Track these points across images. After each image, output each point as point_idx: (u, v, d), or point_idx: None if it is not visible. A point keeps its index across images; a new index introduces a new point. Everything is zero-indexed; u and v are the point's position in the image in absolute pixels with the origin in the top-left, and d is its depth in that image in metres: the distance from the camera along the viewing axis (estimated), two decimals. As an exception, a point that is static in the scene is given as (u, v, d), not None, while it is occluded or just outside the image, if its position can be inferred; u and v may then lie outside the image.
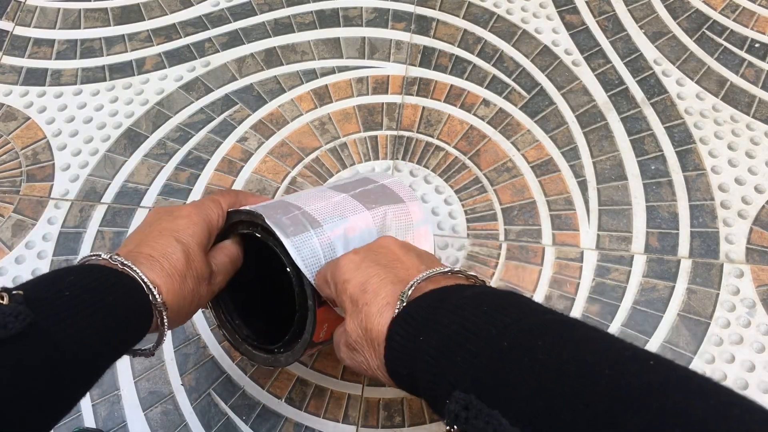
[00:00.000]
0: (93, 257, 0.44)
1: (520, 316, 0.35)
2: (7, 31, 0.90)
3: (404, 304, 0.40)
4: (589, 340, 0.33)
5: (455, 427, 0.32)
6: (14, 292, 0.35)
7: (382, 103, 0.81)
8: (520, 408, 0.30)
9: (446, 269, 0.43)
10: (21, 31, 0.90)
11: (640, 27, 0.85)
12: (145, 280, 0.43)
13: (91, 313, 0.38)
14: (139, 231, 0.49)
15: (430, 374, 0.37)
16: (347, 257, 0.45)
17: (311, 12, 0.88)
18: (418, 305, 0.39)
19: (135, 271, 0.43)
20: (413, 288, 0.41)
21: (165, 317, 0.44)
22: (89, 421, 0.67)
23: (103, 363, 0.40)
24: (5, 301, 0.34)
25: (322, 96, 0.82)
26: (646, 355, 0.31)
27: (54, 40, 0.89)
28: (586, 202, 0.75)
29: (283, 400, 0.67)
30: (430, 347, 0.37)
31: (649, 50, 0.83)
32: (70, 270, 0.40)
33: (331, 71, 0.84)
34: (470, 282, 0.43)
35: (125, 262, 0.43)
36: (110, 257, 0.43)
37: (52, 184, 0.79)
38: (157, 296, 0.43)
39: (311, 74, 0.84)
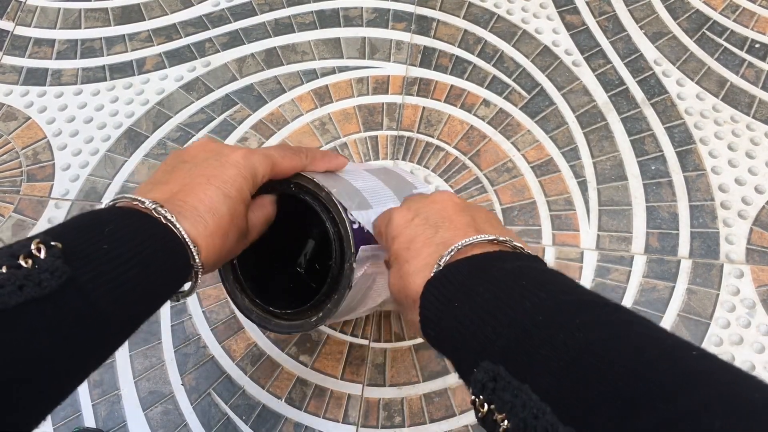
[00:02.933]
0: (130, 200, 0.41)
1: (557, 293, 0.34)
2: (8, 31, 0.90)
3: (440, 267, 0.39)
4: (630, 324, 0.31)
5: (481, 397, 0.32)
6: (53, 243, 0.33)
7: (383, 103, 0.81)
8: (549, 385, 0.29)
9: (491, 237, 0.41)
10: (21, 30, 0.90)
11: (641, 27, 0.85)
12: (188, 240, 0.40)
13: (128, 269, 0.36)
14: (182, 168, 0.45)
15: (458, 340, 0.36)
16: (400, 213, 0.45)
17: (311, 12, 0.88)
18: (455, 270, 0.39)
19: (178, 228, 0.40)
20: (453, 252, 0.40)
21: (199, 276, 0.42)
22: (89, 421, 0.67)
23: (137, 319, 0.39)
24: (42, 255, 0.32)
25: (323, 96, 0.82)
26: (688, 345, 0.30)
27: (54, 40, 0.89)
28: (586, 203, 0.75)
29: (283, 400, 0.67)
30: (462, 313, 0.36)
31: (649, 50, 0.84)
32: (109, 216, 0.38)
33: (332, 71, 0.84)
34: (516, 251, 0.42)
35: (168, 217, 0.40)
36: (154, 209, 0.40)
37: (53, 184, 0.79)
38: (196, 257, 0.41)
39: (311, 74, 0.84)
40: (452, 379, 0.67)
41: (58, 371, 0.33)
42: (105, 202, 0.76)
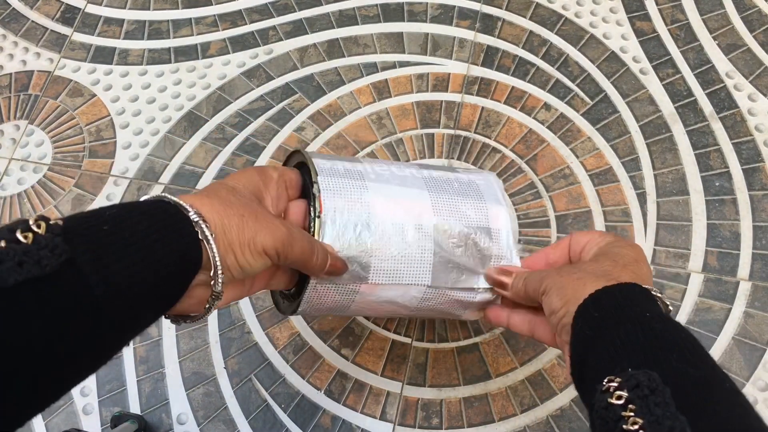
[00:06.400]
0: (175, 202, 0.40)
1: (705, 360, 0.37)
2: (80, 9, 0.92)
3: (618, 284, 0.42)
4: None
5: (625, 390, 0.33)
6: (52, 221, 0.31)
7: (441, 101, 0.81)
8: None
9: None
10: (92, 9, 0.92)
11: (714, 38, 0.82)
12: (218, 260, 0.39)
13: (127, 255, 0.34)
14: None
15: (626, 337, 0.37)
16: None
17: (376, 5, 0.88)
18: (640, 289, 0.42)
19: (212, 249, 0.39)
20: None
21: (216, 303, 0.41)
22: (133, 396, 0.68)
23: (132, 312, 0.35)
24: (41, 231, 0.30)
25: (382, 90, 0.82)
26: None
27: (123, 20, 0.90)
28: (644, 215, 0.73)
29: (323, 391, 0.67)
30: (645, 320, 0.38)
31: (721, 62, 0.81)
32: (114, 205, 0.37)
33: (392, 66, 0.84)
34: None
35: (207, 235, 0.39)
36: (196, 222, 0.39)
37: (113, 162, 0.80)
38: (220, 280, 0.40)
39: (372, 68, 0.84)
40: (493, 385, 0.66)
41: (50, 363, 0.31)
42: (161, 182, 0.77)
